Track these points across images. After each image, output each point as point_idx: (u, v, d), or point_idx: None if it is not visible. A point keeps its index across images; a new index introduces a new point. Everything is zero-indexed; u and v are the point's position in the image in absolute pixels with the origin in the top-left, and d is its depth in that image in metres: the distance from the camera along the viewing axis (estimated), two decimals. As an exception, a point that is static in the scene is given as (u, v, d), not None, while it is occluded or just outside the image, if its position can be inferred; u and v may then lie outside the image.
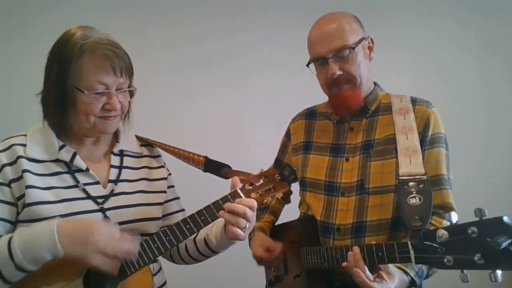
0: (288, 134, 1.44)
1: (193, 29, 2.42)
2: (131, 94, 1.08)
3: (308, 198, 1.31)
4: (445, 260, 0.87)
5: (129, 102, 1.09)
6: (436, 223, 1.10)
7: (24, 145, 1.02)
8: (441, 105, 1.27)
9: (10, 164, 0.99)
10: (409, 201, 1.02)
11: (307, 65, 1.26)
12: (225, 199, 1.02)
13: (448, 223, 0.89)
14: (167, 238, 1.01)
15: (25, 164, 0.99)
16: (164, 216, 1.18)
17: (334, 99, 1.25)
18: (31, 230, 0.93)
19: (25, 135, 1.05)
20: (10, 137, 1.04)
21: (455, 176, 1.21)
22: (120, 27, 2.07)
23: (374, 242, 1.04)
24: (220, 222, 1.08)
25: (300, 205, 1.40)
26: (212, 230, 1.12)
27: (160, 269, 1.16)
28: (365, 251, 1.03)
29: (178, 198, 1.25)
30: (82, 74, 0.98)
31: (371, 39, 1.26)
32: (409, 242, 0.94)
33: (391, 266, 1.04)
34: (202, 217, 1.01)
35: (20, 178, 0.98)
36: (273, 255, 1.27)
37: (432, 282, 1.33)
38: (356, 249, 1.03)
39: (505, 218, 0.80)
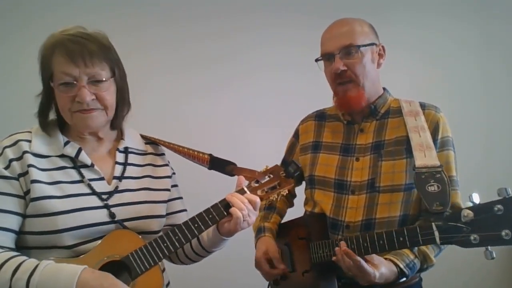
0: (296, 135, 1.46)
1: (193, 29, 2.41)
2: (120, 86, 1.07)
3: (316, 196, 1.32)
4: (471, 238, 0.90)
5: (123, 95, 1.09)
6: None
7: (29, 141, 1.02)
8: (442, 104, 1.30)
9: (17, 159, 0.99)
10: (428, 188, 1.06)
11: (316, 61, 1.31)
12: None
13: (471, 204, 0.93)
14: (176, 237, 1.02)
15: (30, 159, 0.99)
16: (166, 214, 1.18)
17: (339, 98, 1.29)
18: (54, 272, 0.91)
19: (30, 132, 1.05)
20: (15, 133, 1.04)
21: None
22: (120, 27, 2.10)
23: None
24: None
25: (306, 203, 1.40)
26: None
27: (163, 269, 1.14)
28: (384, 237, 1.04)
29: (181, 197, 1.25)
30: (53, 69, 1.00)
31: (382, 47, 1.31)
32: (433, 224, 0.97)
33: (375, 257, 1.08)
34: (210, 216, 1.03)
35: (26, 173, 0.98)
36: (272, 272, 1.30)
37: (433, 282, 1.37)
38: (343, 244, 1.07)
39: (530, 195, 0.85)
